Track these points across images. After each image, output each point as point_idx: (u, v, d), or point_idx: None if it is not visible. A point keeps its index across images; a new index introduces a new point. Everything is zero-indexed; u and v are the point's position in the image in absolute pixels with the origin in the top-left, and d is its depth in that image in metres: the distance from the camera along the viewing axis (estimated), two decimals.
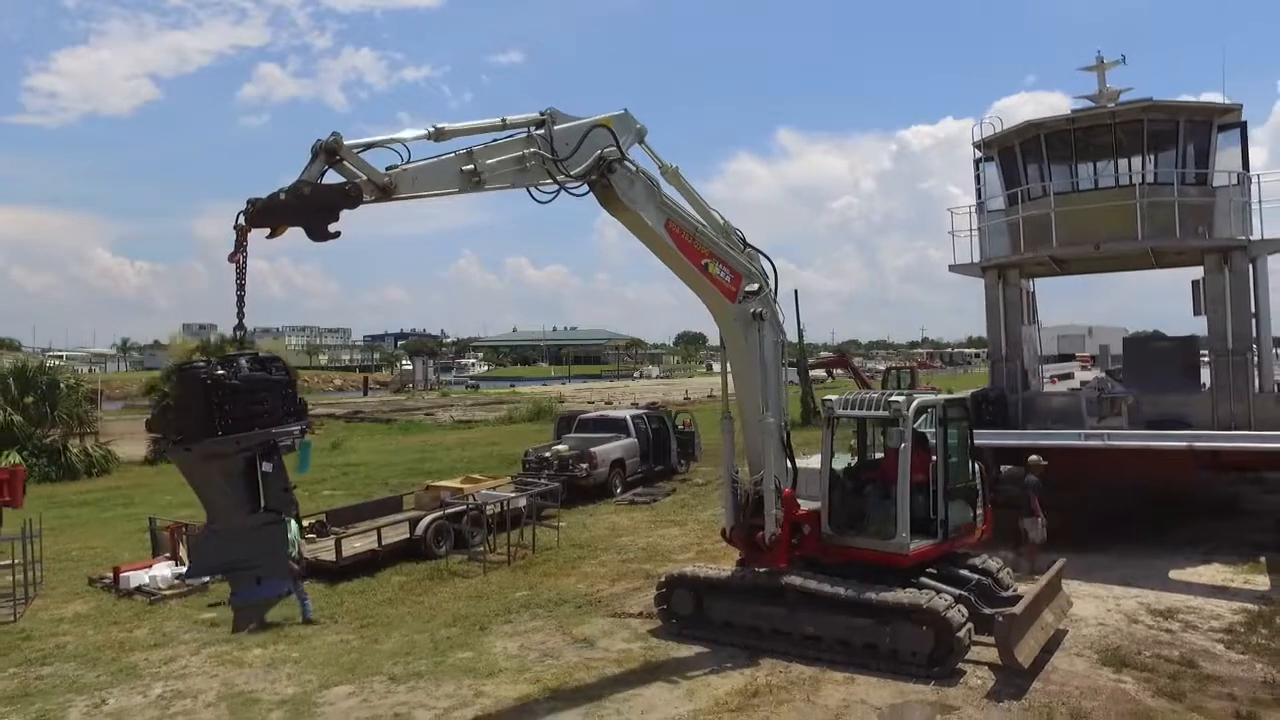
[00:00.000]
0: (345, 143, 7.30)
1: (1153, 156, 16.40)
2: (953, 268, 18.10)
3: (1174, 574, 13.00)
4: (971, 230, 17.96)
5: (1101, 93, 17.13)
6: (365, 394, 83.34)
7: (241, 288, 6.91)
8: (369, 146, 7.57)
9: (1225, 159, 16.03)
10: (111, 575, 13.96)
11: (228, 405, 6.48)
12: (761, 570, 10.41)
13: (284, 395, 6.91)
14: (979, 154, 17.94)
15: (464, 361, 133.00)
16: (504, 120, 8.37)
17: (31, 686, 9.89)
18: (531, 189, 8.57)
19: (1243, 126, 16.12)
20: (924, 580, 9.99)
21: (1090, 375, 24.06)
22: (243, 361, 6.77)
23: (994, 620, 9.35)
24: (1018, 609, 9.28)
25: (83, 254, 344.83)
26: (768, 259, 10.30)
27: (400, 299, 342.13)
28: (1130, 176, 16.64)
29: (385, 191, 7.47)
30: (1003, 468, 12.94)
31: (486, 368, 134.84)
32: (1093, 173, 16.67)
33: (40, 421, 27.57)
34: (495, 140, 8.28)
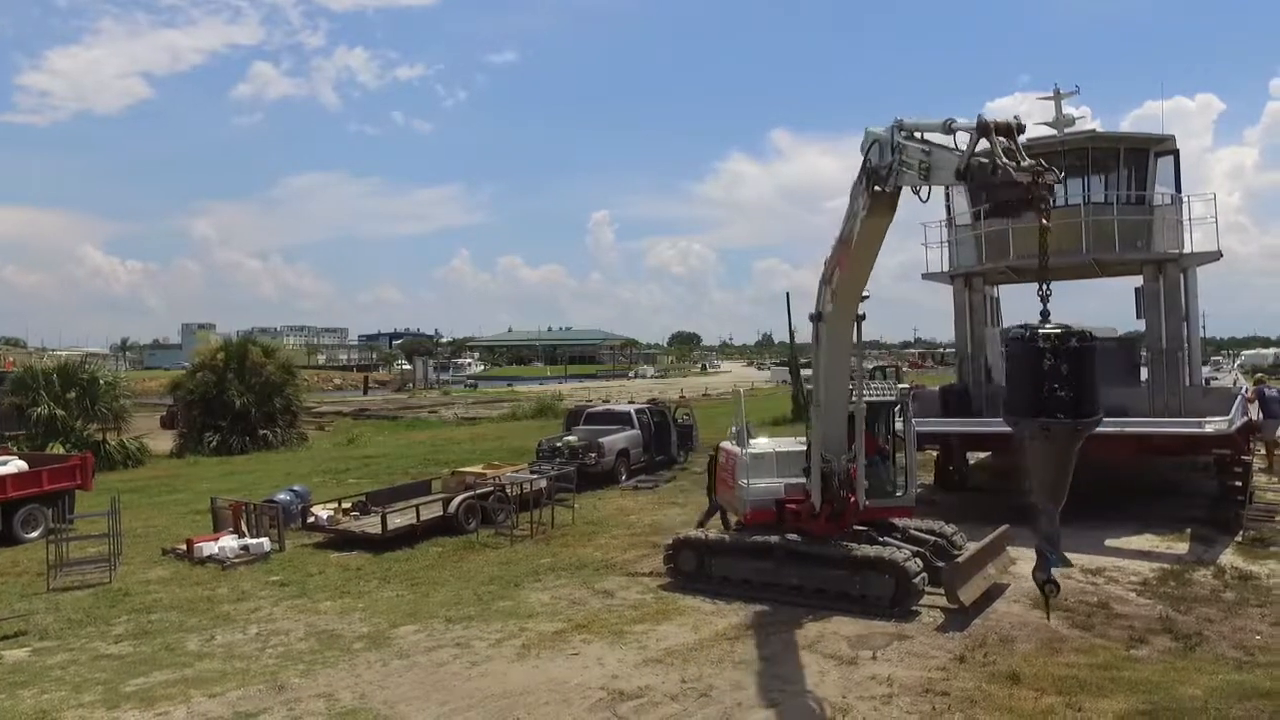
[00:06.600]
0: None
1: (1101, 178, 18.53)
2: (925, 275, 20.28)
3: (1109, 542, 15.07)
4: (942, 242, 20.09)
5: (1057, 120, 19.29)
6: (366, 393, 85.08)
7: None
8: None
9: (1162, 181, 18.24)
10: (185, 546, 15.91)
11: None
12: (795, 536, 12.14)
13: None
14: None
15: (461, 361, 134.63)
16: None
17: (147, 628, 11.86)
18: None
19: (1176, 154, 18.32)
20: (887, 539, 12.10)
21: None
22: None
23: (941, 569, 11.45)
24: (961, 559, 11.41)
25: (74, 253, 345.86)
26: None
27: (393, 298, 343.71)
28: (1084, 196, 18.75)
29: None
30: None
31: (483, 367, 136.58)
32: None
33: (81, 415, 29.48)
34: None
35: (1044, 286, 7.51)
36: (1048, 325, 7.34)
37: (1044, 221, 7.55)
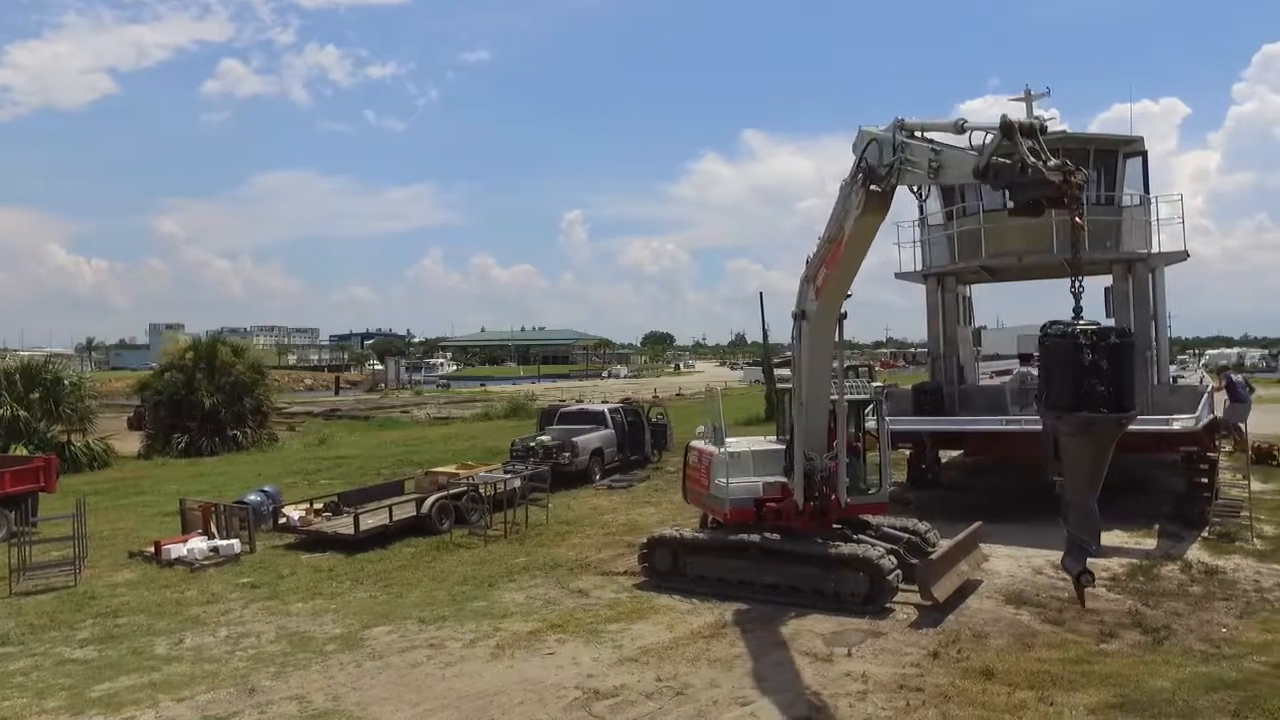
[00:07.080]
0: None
1: None
2: (898, 275, 20.42)
3: None
4: (915, 242, 20.23)
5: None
6: (337, 393, 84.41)
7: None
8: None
9: (1131, 183, 18.48)
10: (152, 549, 15.64)
11: None
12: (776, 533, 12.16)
13: None
14: None
15: (433, 361, 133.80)
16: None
17: (114, 632, 11.63)
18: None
19: (1144, 155, 18.58)
20: (861, 537, 12.15)
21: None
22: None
23: (915, 566, 11.51)
24: (934, 556, 11.48)
25: (37, 251, 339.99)
26: None
27: (365, 298, 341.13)
28: None
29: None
30: None
31: (455, 367, 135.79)
32: None
33: (45, 417, 28.94)
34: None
35: (1077, 283, 7.62)
36: (1081, 321, 7.46)
37: (1077, 219, 7.67)
